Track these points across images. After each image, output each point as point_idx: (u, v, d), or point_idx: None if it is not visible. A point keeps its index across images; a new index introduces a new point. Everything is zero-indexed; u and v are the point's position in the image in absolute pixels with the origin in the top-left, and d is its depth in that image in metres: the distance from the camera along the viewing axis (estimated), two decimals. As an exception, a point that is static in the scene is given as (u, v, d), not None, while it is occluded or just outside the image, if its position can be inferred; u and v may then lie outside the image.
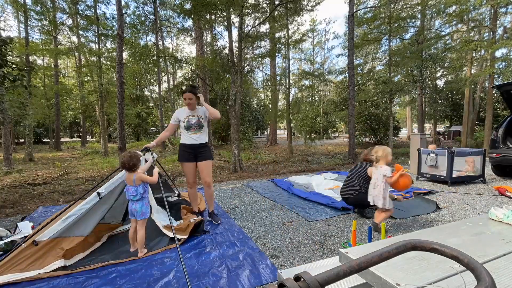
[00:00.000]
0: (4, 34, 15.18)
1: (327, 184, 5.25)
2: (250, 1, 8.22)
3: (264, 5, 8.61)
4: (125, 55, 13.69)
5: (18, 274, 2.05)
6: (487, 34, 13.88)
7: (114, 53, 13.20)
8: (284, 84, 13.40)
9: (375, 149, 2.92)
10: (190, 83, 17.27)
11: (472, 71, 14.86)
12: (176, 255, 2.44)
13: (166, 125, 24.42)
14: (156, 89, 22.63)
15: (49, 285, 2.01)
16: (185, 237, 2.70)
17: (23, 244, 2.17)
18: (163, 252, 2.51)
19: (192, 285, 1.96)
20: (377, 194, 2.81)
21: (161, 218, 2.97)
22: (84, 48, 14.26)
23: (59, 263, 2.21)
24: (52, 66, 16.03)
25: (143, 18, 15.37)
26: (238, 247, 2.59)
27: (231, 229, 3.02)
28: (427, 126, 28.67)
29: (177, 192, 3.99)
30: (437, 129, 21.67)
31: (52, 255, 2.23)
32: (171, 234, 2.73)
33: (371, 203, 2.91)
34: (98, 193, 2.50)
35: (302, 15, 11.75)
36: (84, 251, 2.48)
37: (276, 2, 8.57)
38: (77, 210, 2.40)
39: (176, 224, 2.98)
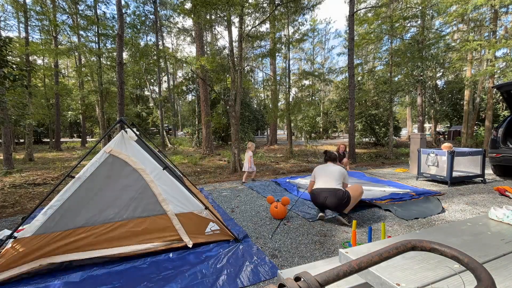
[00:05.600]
0: (4, 34, 15.21)
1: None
2: (250, 1, 8.21)
3: (265, 5, 8.59)
4: (125, 55, 13.71)
5: (10, 270, 1.97)
6: (487, 34, 13.87)
7: (114, 53, 13.20)
8: (284, 84, 13.40)
9: None
10: (190, 83, 17.29)
11: (472, 71, 14.86)
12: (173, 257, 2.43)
13: (166, 125, 24.45)
14: (156, 89, 22.67)
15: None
16: (192, 243, 2.48)
17: (8, 244, 2.04)
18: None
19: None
20: None
21: (176, 202, 2.58)
22: (84, 48, 14.27)
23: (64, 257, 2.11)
24: (52, 66, 16.02)
25: (143, 18, 15.40)
26: (237, 245, 2.58)
27: (233, 228, 3.01)
28: (427, 126, 28.69)
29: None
30: (437, 129, 21.69)
31: (46, 253, 2.09)
32: (180, 229, 2.49)
33: None
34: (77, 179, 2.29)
35: (304, 14, 11.69)
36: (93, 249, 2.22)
37: (276, 2, 8.56)
38: (56, 200, 2.19)
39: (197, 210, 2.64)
